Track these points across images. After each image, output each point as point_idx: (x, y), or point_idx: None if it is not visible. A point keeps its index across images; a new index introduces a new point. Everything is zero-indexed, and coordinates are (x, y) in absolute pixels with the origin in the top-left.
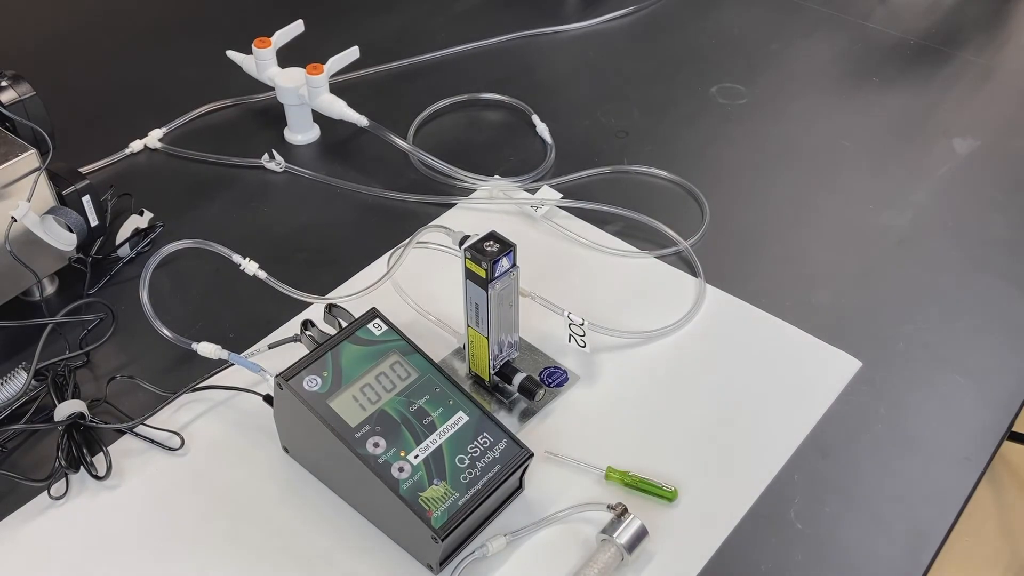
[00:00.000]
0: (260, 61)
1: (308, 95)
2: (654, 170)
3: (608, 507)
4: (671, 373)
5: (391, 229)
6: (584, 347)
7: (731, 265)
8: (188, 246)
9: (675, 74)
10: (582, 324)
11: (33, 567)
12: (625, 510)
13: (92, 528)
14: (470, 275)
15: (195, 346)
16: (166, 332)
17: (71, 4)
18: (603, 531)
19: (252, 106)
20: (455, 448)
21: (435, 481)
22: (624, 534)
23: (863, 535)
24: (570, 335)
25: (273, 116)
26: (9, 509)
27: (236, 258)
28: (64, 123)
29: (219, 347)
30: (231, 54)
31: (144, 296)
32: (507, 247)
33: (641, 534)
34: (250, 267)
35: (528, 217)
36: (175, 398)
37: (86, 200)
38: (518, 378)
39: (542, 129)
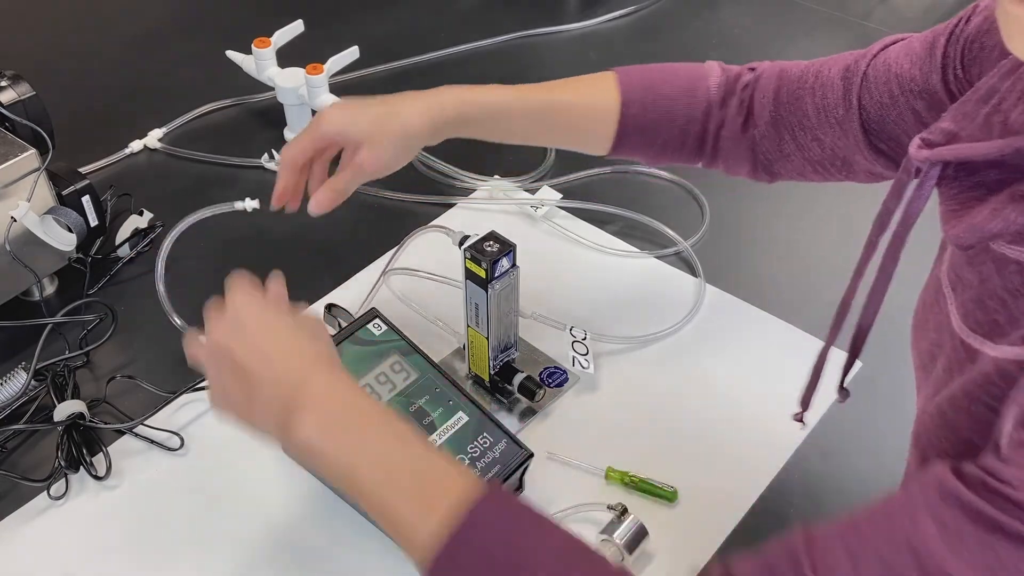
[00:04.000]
0: (260, 61)
1: (308, 95)
2: (654, 170)
3: (608, 507)
4: (671, 373)
5: (391, 229)
6: (587, 368)
7: (731, 265)
8: (205, 216)
9: None
10: (584, 339)
11: (33, 567)
12: (625, 510)
13: (92, 528)
14: (470, 275)
15: (203, 338)
16: (176, 320)
17: (71, 4)
18: (603, 531)
19: (252, 106)
20: (455, 448)
21: None
22: (624, 534)
23: None
24: (573, 357)
25: (273, 116)
26: (9, 509)
27: (238, 204)
28: (64, 123)
29: None
30: (231, 54)
31: (160, 266)
32: (507, 247)
33: (641, 534)
34: (248, 204)
35: (528, 217)
36: (175, 398)
37: (86, 200)
38: (518, 378)
39: None
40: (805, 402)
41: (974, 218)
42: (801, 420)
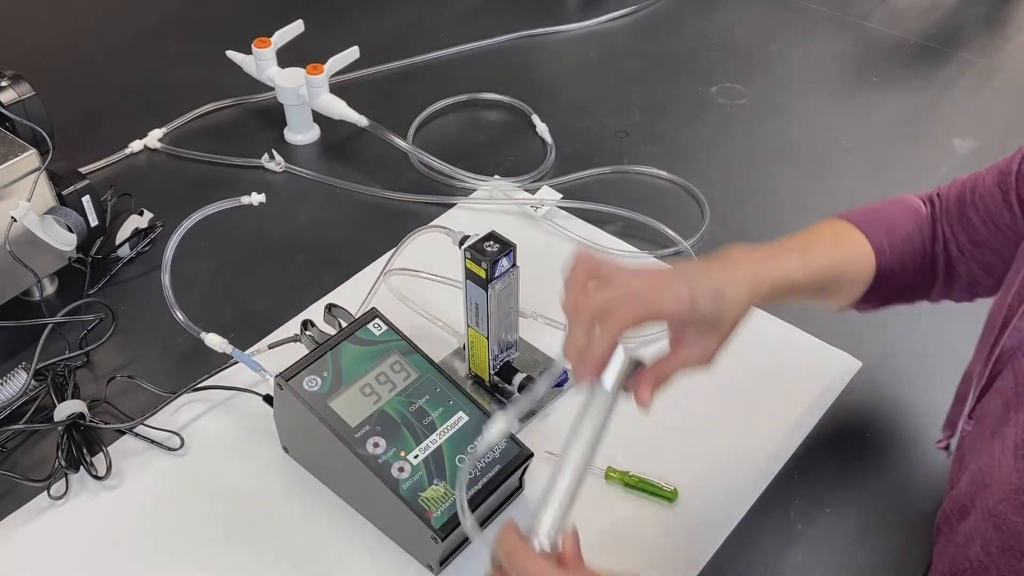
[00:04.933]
0: (260, 61)
1: (308, 95)
2: (654, 170)
3: None
4: None
5: (391, 229)
6: None
7: None
8: (213, 211)
9: (675, 74)
10: None
11: (33, 567)
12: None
13: (92, 528)
14: (470, 275)
15: (203, 336)
16: (179, 315)
17: (71, 4)
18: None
19: (252, 106)
20: (455, 448)
21: (435, 481)
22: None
23: (863, 535)
24: None
25: (273, 116)
26: (9, 509)
27: (244, 199)
28: (64, 123)
29: (226, 340)
30: (231, 54)
31: (167, 262)
32: (507, 247)
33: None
34: (255, 198)
35: (528, 217)
36: (175, 398)
37: (86, 200)
38: (518, 378)
39: (542, 129)
40: (953, 426)
41: None
42: (947, 448)
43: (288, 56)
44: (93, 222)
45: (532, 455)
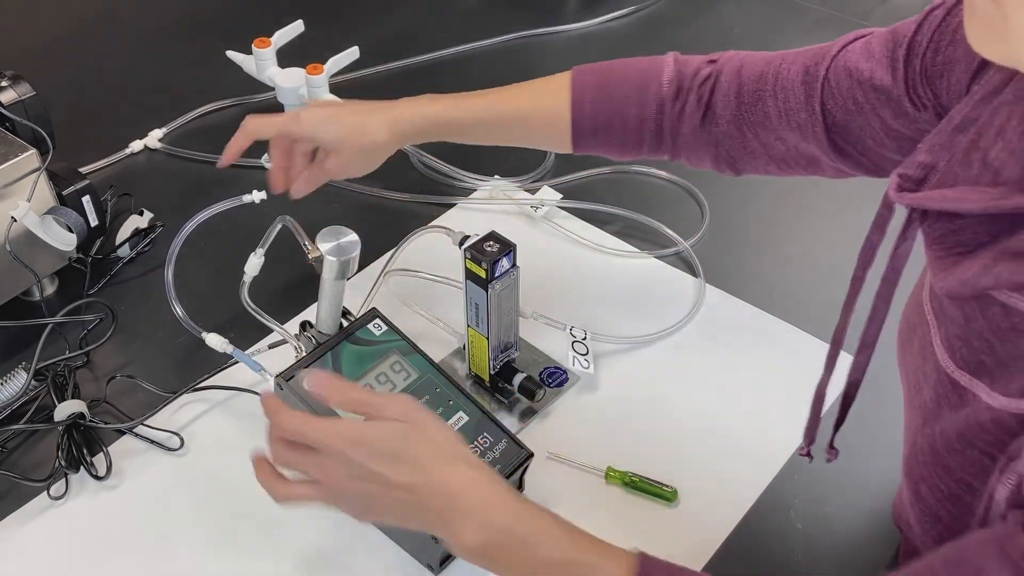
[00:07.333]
0: (260, 61)
1: (308, 95)
2: (654, 170)
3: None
4: (671, 373)
5: (391, 229)
6: (587, 368)
7: (731, 265)
8: (215, 212)
9: None
10: (584, 339)
11: (33, 567)
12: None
13: (92, 528)
14: (470, 275)
15: (204, 336)
16: (179, 311)
17: (71, 4)
18: None
19: (252, 106)
20: None
21: None
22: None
23: (863, 536)
24: (573, 357)
25: None
26: (9, 509)
27: (246, 197)
28: (64, 123)
29: (226, 340)
30: (231, 54)
31: (171, 262)
32: (507, 247)
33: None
34: (256, 196)
35: (528, 217)
36: (175, 398)
37: (86, 200)
38: (518, 378)
39: None
40: (809, 436)
41: (964, 272)
42: (808, 455)
43: (288, 56)
44: (93, 222)
45: (532, 455)
